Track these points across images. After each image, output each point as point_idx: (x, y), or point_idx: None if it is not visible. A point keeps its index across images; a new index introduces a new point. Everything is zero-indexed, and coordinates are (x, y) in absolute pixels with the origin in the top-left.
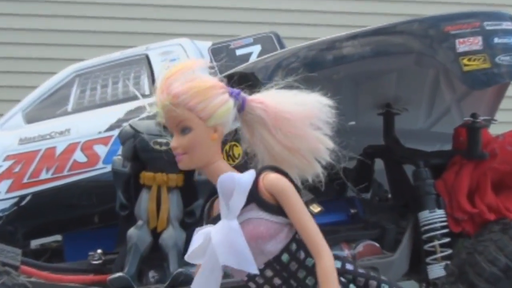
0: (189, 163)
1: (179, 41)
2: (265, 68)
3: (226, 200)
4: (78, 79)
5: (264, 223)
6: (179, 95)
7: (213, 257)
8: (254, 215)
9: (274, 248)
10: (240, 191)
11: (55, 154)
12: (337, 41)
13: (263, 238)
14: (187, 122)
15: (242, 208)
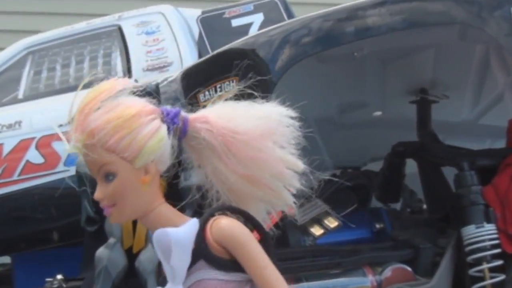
0: (120, 216)
1: (159, 9)
2: (268, 43)
3: (167, 260)
4: (32, 57)
5: (219, 284)
6: (94, 133)
7: None
8: (205, 275)
9: None
10: (180, 250)
11: (2, 153)
12: (361, 8)
13: None
14: (108, 166)
15: (189, 268)
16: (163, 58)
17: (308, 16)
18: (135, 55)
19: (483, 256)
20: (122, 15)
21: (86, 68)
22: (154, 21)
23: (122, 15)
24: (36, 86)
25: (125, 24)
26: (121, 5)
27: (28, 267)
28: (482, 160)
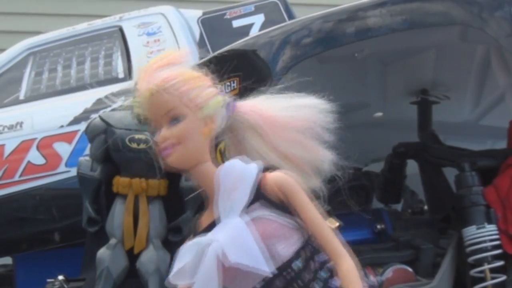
0: (179, 157)
1: (160, 10)
2: (269, 44)
3: (226, 195)
4: (33, 58)
5: (273, 223)
6: (169, 79)
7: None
8: (261, 214)
9: (286, 250)
10: (245, 185)
11: (4, 154)
12: (361, 9)
13: (273, 238)
14: (176, 110)
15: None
16: None
17: (309, 17)
18: (136, 56)
19: (484, 257)
20: (123, 16)
21: (87, 69)
22: (155, 22)
23: (123, 16)
24: (37, 87)
25: (126, 25)
26: (122, 6)
27: (30, 268)
28: (483, 161)
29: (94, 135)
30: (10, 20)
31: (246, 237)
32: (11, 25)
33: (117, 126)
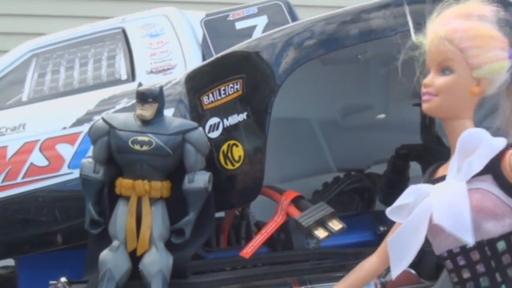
0: (437, 107)
1: (164, 12)
2: (271, 46)
3: (462, 158)
4: (36, 60)
5: (494, 199)
6: (457, 30)
7: (420, 217)
8: (485, 187)
9: (494, 229)
10: (484, 153)
11: (6, 156)
12: (364, 11)
13: (486, 213)
14: (451, 62)
15: (475, 176)
16: (167, 60)
17: (312, 18)
18: (139, 57)
19: None
20: (126, 17)
21: (90, 70)
22: (158, 24)
23: (126, 18)
24: (40, 89)
25: (129, 27)
26: (125, 8)
27: (32, 270)
28: None
29: (97, 137)
30: (12, 21)
31: (459, 203)
32: (14, 27)
33: (120, 128)
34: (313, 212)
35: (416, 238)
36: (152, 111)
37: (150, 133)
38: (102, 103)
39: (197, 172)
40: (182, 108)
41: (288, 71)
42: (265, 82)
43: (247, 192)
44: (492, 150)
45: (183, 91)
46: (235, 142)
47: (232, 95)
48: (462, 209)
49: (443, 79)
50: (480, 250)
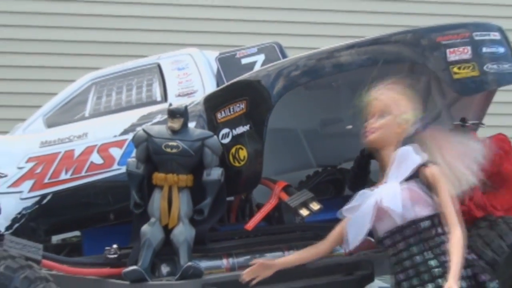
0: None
1: (188, 51)
2: (267, 76)
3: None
4: (95, 87)
5: (418, 193)
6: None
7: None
8: (413, 186)
9: (420, 212)
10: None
11: (74, 156)
12: (336, 50)
13: (415, 201)
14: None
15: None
16: (191, 87)
17: (297, 56)
18: (170, 85)
19: None
20: (161, 55)
21: (133, 94)
22: (184, 60)
23: (161, 56)
24: (98, 108)
25: (163, 62)
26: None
27: (93, 239)
28: None
29: (138, 142)
30: (78, 59)
31: (397, 194)
32: (80, 63)
33: (156, 136)
34: (298, 196)
35: (365, 221)
36: (180, 123)
37: (178, 140)
38: (142, 118)
39: (213, 168)
40: (201, 122)
41: (280, 94)
42: (263, 103)
43: (250, 182)
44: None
45: (202, 109)
46: (241, 146)
47: (239, 112)
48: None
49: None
50: (411, 228)
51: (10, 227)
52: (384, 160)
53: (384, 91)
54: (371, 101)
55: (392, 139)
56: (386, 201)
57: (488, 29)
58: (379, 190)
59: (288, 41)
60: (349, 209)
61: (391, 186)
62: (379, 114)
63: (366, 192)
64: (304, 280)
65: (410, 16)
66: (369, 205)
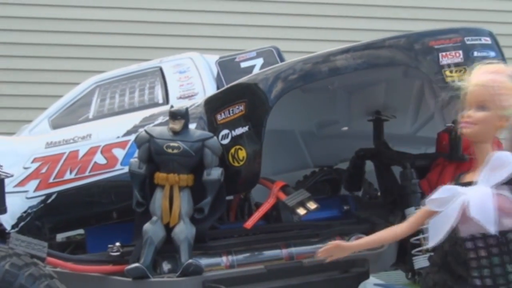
0: (472, 133)
1: (189, 55)
2: (265, 79)
3: (491, 170)
4: (99, 89)
5: (510, 202)
6: (493, 82)
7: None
8: (505, 193)
9: (508, 224)
10: (508, 170)
11: (78, 156)
12: (331, 54)
13: (504, 212)
14: (486, 103)
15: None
16: (192, 89)
17: (294, 60)
18: (171, 87)
19: (420, 229)
20: (163, 59)
21: (136, 96)
22: (185, 64)
23: (162, 60)
24: (102, 110)
25: (165, 66)
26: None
27: (96, 237)
28: (419, 161)
29: (141, 143)
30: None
31: (488, 202)
32: (84, 67)
33: (157, 137)
34: (295, 196)
35: (449, 222)
36: (181, 125)
37: (179, 141)
38: (145, 119)
39: (213, 168)
40: (202, 123)
41: (277, 97)
42: (261, 105)
43: (248, 182)
44: None
45: (202, 111)
46: (240, 147)
47: (238, 114)
48: (488, 207)
49: (479, 113)
50: (496, 238)
51: (16, 225)
52: (481, 153)
53: (488, 78)
54: (474, 88)
55: (491, 134)
56: (474, 210)
57: (479, 34)
58: (469, 192)
59: (286, 46)
60: (433, 201)
61: (482, 193)
62: (479, 105)
63: (453, 188)
64: (301, 277)
65: (404, 21)
66: (455, 208)
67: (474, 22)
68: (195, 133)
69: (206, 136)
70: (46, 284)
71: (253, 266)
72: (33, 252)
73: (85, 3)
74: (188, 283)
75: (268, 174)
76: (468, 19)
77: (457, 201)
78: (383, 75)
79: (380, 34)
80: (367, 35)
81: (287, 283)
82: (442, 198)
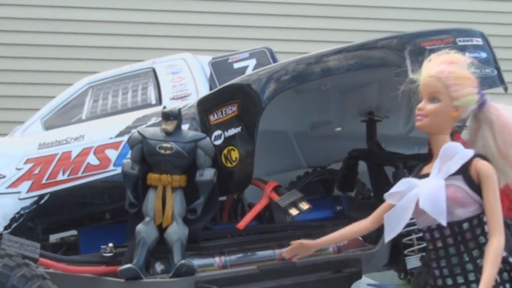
0: (426, 124)
1: (182, 56)
2: (258, 80)
3: (442, 162)
4: (91, 90)
5: (463, 192)
6: (444, 73)
7: (409, 201)
8: (458, 183)
9: (462, 214)
10: (458, 160)
11: (71, 157)
12: (324, 55)
13: (457, 203)
14: (438, 94)
15: (451, 175)
16: (184, 90)
17: (286, 61)
18: (164, 88)
19: (412, 229)
20: (156, 60)
21: (129, 98)
22: (178, 65)
23: (155, 60)
24: (94, 110)
25: (158, 67)
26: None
27: (89, 238)
28: (411, 162)
29: (133, 144)
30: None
31: (438, 194)
32: (77, 67)
33: (150, 138)
34: (288, 196)
35: (405, 215)
36: (173, 126)
37: (172, 141)
38: (137, 120)
39: (206, 169)
40: (194, 124)
41: (270, 98)
42: (254, 105)
43: (241, 182)
44: (464, 158)
45: (195, 112)
46: (233, 148)
47: (231, 115)
48: (441, 200)
49: (431, 105)
50: (450, 228)
51: (9, 226)
52: (437, 145)
53: (441, 69)
54: (425, 79)
55: (447, 124)
56: (427, 204)
57: (471, 35)
58: (423, 184)
59: (278, 46)
60: (391, 195)
61: (434, 185)
62: (434, 96)
63: (410, 181)
64: (293, 278)
65: (396, 22)
66: (410, 201)
67: (465, 23)
68: (188, 134)
69: (199, 137)
70: (38, 285)
71: (246, 266)
72: (26, 253)
73: (77, 4)
74: (181, 283)
75: (261, 175)
76: (459, 20)
77: (410, 194)
78: (376, 76)
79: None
80: (360, 36)
81: (280, 284)
82: (399, 192)
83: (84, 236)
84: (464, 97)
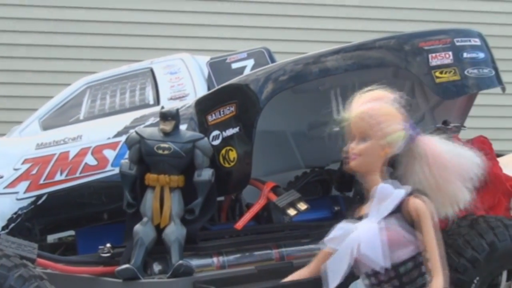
0: (358, 165)
1: (180, 56)
2: (256, 80)
3: (379, 203)
4: (89, 90)
5: (402, 232)
6: (368, 112)
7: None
8: (395, 223)
9: (402, 255)
10: (391, 202)
11: (69, 157)
12: (322, 55)
13: (396, 244)
14: (367, 134)
15: (389, 215)
16: (182, 90)
17: (284, 61)
18: (162, 88)
19: None
20: (154, 60)
21: (127, 98)
22: (176, 65)
23: (153, 60)
24: (92, 111)
25: (156, 67)
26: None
27: (87, 238)
28: None
29: (131, 144)
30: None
31: (376, 238)
32: (74, 68)
33: (148, 138)
34: (286, 197)
35: (344, 262)
36: (171, 126)
37: (170, 142)
38: (135, 120)
39: (204, 169)
40: (192, 124)
41: (268, 98)
42: (252, 106)
43: (239, 182)
44: (397, 199)
45: (193, 112)
46: (231, 148)
47: (229, 115)
48: (380, 244)
49: (362, 145)
50: (393, 271)
51: (6, 227)
52: (370, 185)
53: (365, 108)
54: (353, 119)
55: (377, 164)
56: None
57: (469, 35)
58: (359, 228)
59: (277, 47)
60: (330, 240)
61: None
62: (361, 136)
63: (347, 225)
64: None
65: (394, 22)
66: (347, 247)
67: (463, 23)
68: (186, 134)
69: (197, 137)
70: (36, 286)
71: (244, 266)
72: (23, 254)
73: (76, 4)
74: (179, 284)
75: (259, 175)
76: (458, 20)
77: (348, 239)
78: (374, 76)
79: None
80: (358, 36)
81: (275, 285)
82: (337, 237)
83: (82, 237)
84: (391, 135)
